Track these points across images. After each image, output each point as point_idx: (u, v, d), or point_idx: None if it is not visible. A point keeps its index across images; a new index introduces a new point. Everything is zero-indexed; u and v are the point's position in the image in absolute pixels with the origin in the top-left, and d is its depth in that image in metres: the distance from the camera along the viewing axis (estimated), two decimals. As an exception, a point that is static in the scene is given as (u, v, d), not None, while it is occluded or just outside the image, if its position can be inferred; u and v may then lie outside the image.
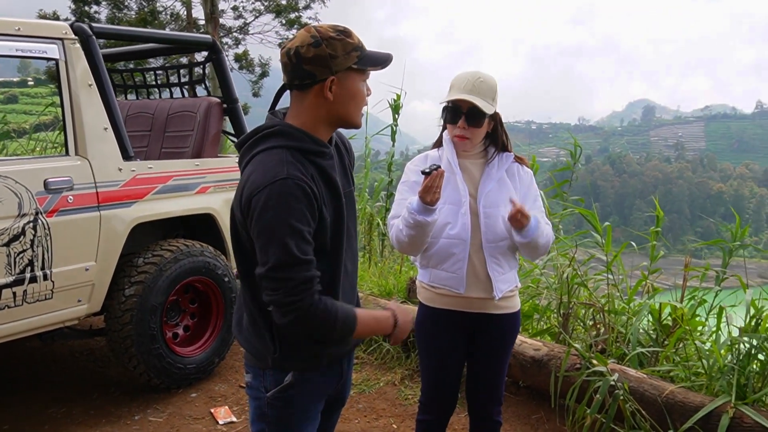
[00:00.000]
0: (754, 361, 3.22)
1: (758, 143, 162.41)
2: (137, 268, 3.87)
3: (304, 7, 19.73)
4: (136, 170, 3.88)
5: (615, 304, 4.00)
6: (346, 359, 2.07)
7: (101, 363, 4.54)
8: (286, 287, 1.67)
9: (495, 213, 2.51)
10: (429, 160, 2.61)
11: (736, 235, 3.97)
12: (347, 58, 1.76)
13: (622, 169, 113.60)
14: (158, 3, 17.93)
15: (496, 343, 2.65)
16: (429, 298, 2.64)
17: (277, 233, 1.66)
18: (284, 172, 1.68)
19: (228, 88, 4.64)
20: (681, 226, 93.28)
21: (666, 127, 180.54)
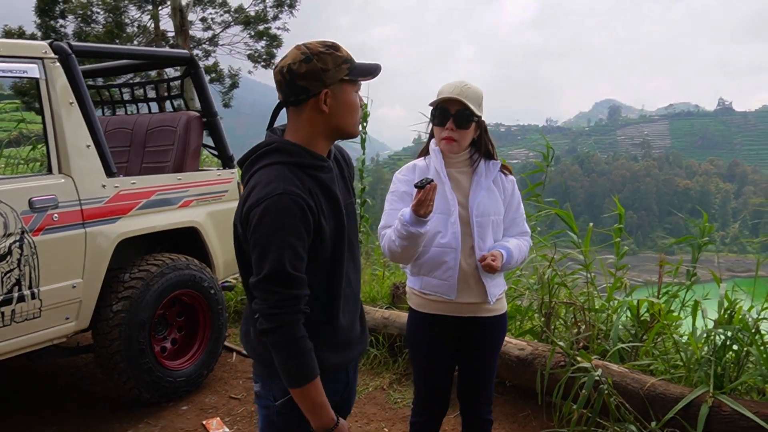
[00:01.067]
0: (729, 351, 3.34)
1: (721, 139, 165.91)
2: (124, 283, 3.88)
3: (273, 18, 19.76)
4: (119, 186, 3.89)
5: (594, 302, 4.10)
6: (352, 367, 2.10)
7: (88, 380, 4.53)
8: (273, 299, 1.74)
9: (486, 222, 2.60)
10: (417, 169, 2.67)
11: (703, 231, 4.10)
12: (338, 71, 1.82)
13: (590, 169, 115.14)
14: (125, 16, 17.80)
15: (486, 345, 2.73)
16: (420, 304, 2.69)
17: (271, 247, 1.72)
18: (280, 187, 1.74)
19: (207, 101, 4.68)
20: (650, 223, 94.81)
21: (632, 126, 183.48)
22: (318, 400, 1.81)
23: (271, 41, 19.97)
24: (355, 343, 2.06)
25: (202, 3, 19.18)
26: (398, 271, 5.93)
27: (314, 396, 1.80)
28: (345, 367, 2.03)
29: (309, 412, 1.82)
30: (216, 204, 4.59)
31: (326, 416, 1.83)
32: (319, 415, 1.83)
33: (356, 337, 2.07)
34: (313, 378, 1.79)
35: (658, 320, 3.66)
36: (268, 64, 20.05)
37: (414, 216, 2.32)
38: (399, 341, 4.47)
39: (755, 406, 2.99)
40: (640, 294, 4.17)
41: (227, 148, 4.80)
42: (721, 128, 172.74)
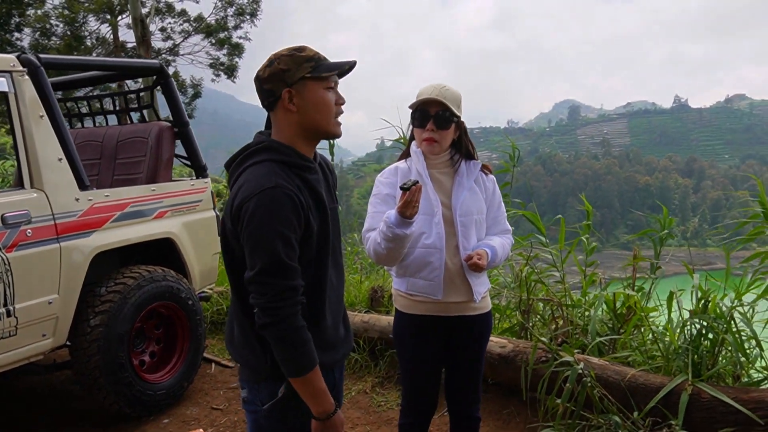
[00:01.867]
0: (705, 340, 3.43)
1: (679, 136, 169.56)
2: (101, 297, 3.83)
3: (234, 27, 19.64)
4: (93, 199, 3.85)
5: (571, 297, 4.17)
6: (338, 368, 2.12)
7: (66, 397, 4.44)
8: (271, 292, 1.76)
9: (470, 221, 2.63)
10: (399, 172, 2.70)
11: (663, 224, 4.21)
12: (300, 69, 1.86)
13: (553, 169, 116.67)
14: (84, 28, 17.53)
15: (472, 343, 2.76)
16: (406, 306, 2.71)
17: (265, 238, 1.75)
18: (272, 181, 1.78)
19: (178, 111, 4.64)
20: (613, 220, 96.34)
21: (592, 125, 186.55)
22: (320, 386, 1.85)
23: (232, 50, 19.85)
24: (339, 345, 2.08)
25: (161, 13, 18.99)
26: (374, 275, 5.95)
27: (316, 383, 1.84)
28: (331, 368, 2.04)
29: (311, 398, 1.85)
30: (190, 214, 4.55)
31: (327, 402, 1.87)
32: (321, 401, 1.86)
33: (340, 339, 2.10)
34: (314, 365, 1.83)
35: (634, 312, 3.74)
36: (230, 74, 19.93)
37: (399, 218, 2.34)
38: (380, 344, 4.49)
39: (733, 392, 3.07)
40: (612, 289, 4.25)
41: (200, 158, 4.78)
42: (677, 125, 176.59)
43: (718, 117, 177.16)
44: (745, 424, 2.96)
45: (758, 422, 2.92)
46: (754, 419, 2.92)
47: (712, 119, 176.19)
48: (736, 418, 2.99)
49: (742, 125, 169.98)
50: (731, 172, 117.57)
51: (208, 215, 4.73)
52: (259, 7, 19.61)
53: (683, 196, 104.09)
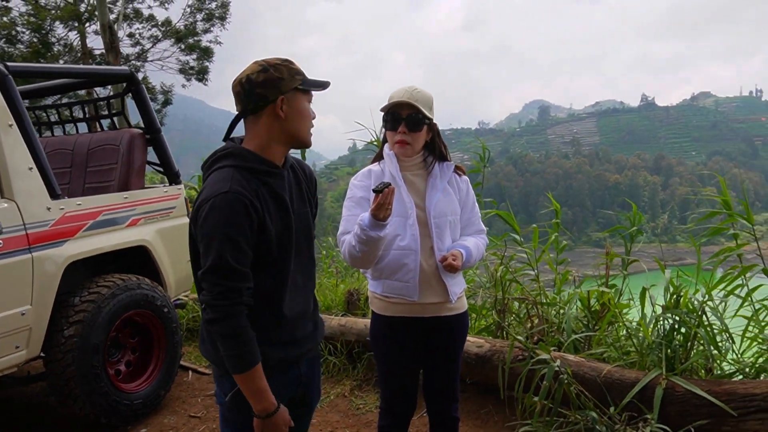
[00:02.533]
0: (678, 334, 3.50)
1: (646, 134, 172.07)
2: (75, 307, 3.78)
3: (204, 31, 19.49)
4: (65, 208, 3.80)
5: (546, 296, 4.22)
6: (305, 363, 2.19)
7: (41, 408, 4.38)
8: (216, 291, 1.87)
9: (444, 222, 2.65)
10: (372, 174, 2.70)
11: (633, 221, 4.28)
12: (293, 80, 1.98)
13: (524, 169, 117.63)
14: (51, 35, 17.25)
15: (450, 343, 2.77)
16: (383, 308, 2.72)
17: (215, 240, 1.86)
18: (226, 187, 1.88)
19: (150, 118, 4.61)
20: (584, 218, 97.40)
21: (561, 124, 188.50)
22: (259, 385, 1.92)
23: (202, 54, 19.70)
24: (302, 340, 2.16)
25: (129, 19, 18.76)
26: (349, 279, 5.96)
27: (256, 381, 1.92)
28: (295, 361, 2.13)
29: (251, 396, 1.93)
30: (164, 221, 4.52)
31: (267, 400, 1.94)
32: (260, 399, 1.93)
33: (305, 335, 2.17)
34: (254, 364, 1.90)
35: (608, 309, 3.80)
36: (201, 78, 19.78)
37: (373, 220, 2.36)
38: (357, 347, 4.50)
39: (706, 385, 3.14)
40: (586, 286, 4.31)
41: (173, 164, 4.75)
42: (645, 123, 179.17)
43: (685, 114, 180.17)
44: (718, 416, 3.04)
45: (731, 413, 2.99)
46: (727, 411, 2.99)
47: (678, 117, 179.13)
48: (710, 410, 3.07)
49: (708, 122, 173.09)
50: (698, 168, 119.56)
51: (182, 222, 4.70)
52: (228, 11, 19.49)
53: (652, 193, 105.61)
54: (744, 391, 3.07)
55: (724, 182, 3.97)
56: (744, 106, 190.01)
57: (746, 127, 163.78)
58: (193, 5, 19.22)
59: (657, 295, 3.67)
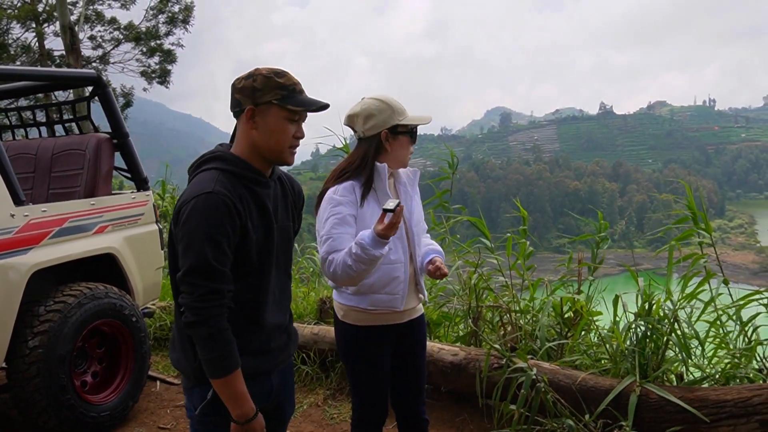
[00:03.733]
0: (650, 341, 3.53)
1: (605, 141, 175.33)
2: (39, 317, 3.67)
3: (166, 34, 19.21)
4: (29, 215, 3.69)
5: (519, 303, 4.24)
6: (277, 374, 2.14)
7: (3, 421, 4.22)
8: (198, 292, 1.82)
9: (420, 229, 2.72)
10: (355, 189, 2.58)
11: (599, 229, 4.33)
12: (269, 94, 1.93)
13: (486, 175, 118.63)
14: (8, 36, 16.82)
15: (417, 345, 2.83)
16: (362, 319, 2.66)
17: (196, 240, 1.82)
18: (210, 187, 1.85)
19: (117, 122, 4.51)
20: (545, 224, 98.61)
21: (522, 131, 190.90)
22: (239, 390, 1.89)
23: (164, 57, 19.42)
24: (276, 351, 2.12)
25: (90, 21, 18.40)
26: (318, 287, 5.90)
27: (236, 385, 1.88)
28: (267, 372, 2.08)
29: (230, 401, 1.89)
30: (132, 228, 4.43)
31: (246, 406, 1.91)
32: (240, 405, 1.89)
33: (278, 346, 2.13)
34: (234, 368, 1.86)
35: (581, 316, 3.83)
36: (163, 81, 19.50)
37: (376, 239, 2.26)
38: (330, 356, 4.45)
39: (679, 392, 3.18)
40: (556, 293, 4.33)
41: (141, 170, 4.65)
42: (604, 131, 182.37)
43: (642, 123, 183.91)
44: (692, 422, 3.08)
45: (704, 420, 3.03)
46: (700, 417, 3.03)
47: (636, 125, 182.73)
48: (683, 417, 3.10)
49: (664, 131, 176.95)
50: (655, 176, 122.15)
51: (151, 229, 4.61)
52: (191, 15, 19.25)
53: (611, 200, 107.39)
54: (716, 397, 3.12)
55: (690, 190, 4.03)
56: (698, 115, 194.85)
57: (700, 135, 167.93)
58: (155, 7, 18.93)
59: (626, 300, 3.73)
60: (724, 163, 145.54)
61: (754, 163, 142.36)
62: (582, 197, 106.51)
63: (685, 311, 3.45)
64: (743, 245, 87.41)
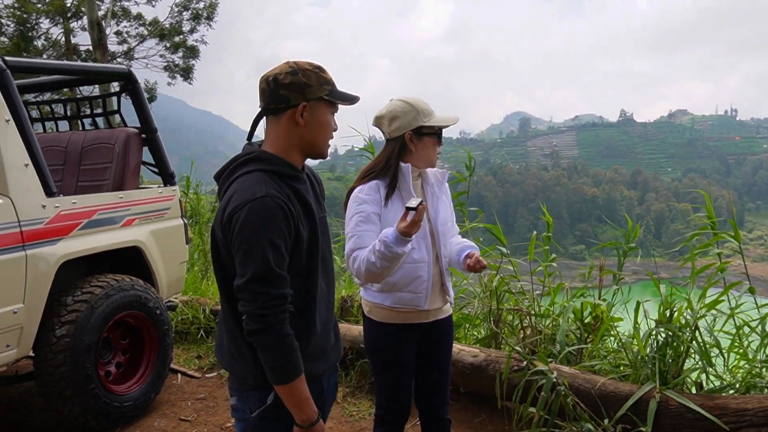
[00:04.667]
0: (671, 348, 3.53)
1: (624, 149, 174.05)
2: (67, 307, 3.73)
3: (190, 31, 19.38)
4: (60, 206, 3.76)
5: (540, 307, 4.25)
6: (326, 377, 2.14)
7: (27, 409, 4.30)
8: (261, 300, 1.80)
9: (446, 230, 2.73)
10: (380, 188, 2.64)
11: (628, 237, 4.33)
12: (320, 89, 1.94)
13: (504, 179, 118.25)
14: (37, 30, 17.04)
15: (443, 345, 2.85)
16: (387, 316, 2.72)
17: (256, 247, 1.79)
18: (263, 190, 1.82)
19: (146, 118, 4.58)
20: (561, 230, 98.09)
21: (541, 137, 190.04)
22: (304, 395, 1.89)
23: (188, 53, 19.60)
24: (329, 352, 2.12)
25: (116, 16, 18.62)
26: (339, 285, 5.94)
27: (301, 391, 1.88)
28: (319, 377, 2.07)
29: (295, 406, 1.89)
30: (158, 222, 4.49)
31: (311, 410, 1.91)
32: (304, 410, 1.89)
33: (330, 346, 2.13)
34: (300, 374, 1.86)
35: (602, 322, 3.83)
36: (187, 76, 19.68)
37: (399, 236, 2.31)
38: (351, 354, 4.48)
39: (699, 399, 3.18)
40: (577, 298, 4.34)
41: (168, 165, 4.71)
42: (623, 138, 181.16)
43: (662, 131, 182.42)
44: (711, 430, 3.07)
45: (723, 428, 3.03)
46: (720, 425, 3.03)
47: (656, 133, 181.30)
48: (703, 424, 3.10)
49: (684, 139, 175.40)
50: (674, 184, 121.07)
51: (176, 223, 4.67)
52: (215, 12, 19.42)
53: (629, 208, 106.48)
54: (736, 405, 3.11)
55: (710, 200, 4.03)
56: (719, 124, 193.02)
57: (721, 145, 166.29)
58: (180, 4, 19.11)
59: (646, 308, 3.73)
60: (744, 174, 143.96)
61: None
62: (600, 204, 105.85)
63: (707, 320, 3.45)
64: (762, 257, 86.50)
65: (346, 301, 4.93)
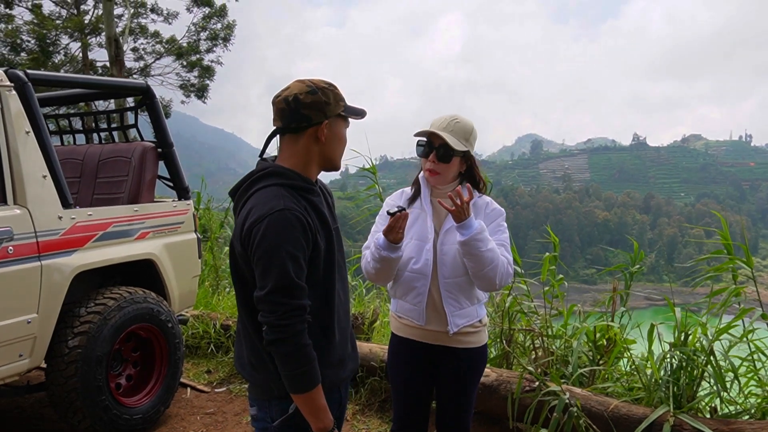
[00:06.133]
0: (685, 372, 3.50)
1: (637, 173, 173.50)
2: (80, 318, 3.75)
3: (207, 51, 19.61)
4: (76, 218, 3.79)
5: (552, 328, 4.22)
6: (344, 386, 2.17)
7: (37, 420, 4.31)
8: (281, 311, 1.83)
9: (452, 250, 2.60)
10: (404, 196, 2.77)
11: (634, 260, 4.30)
12: (337, 106, 2.01)
13: (515, 201, 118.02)
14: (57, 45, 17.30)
15: (458, 377, 2.73)
16: (397, 328, 2.77)
17: (276, 259, 1.83)
18: (281, 204, 1.87)
19: (163, 132, 4.62)
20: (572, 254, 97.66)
21: (553, 159, 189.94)
22: (321, 404, 1.92)
23: (203, 72, 19.81)
24: (347, 360, 2.16)
25: (134, 33, 18.89)
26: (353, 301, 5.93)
27: (318, 400, 1.91)
28: (338, 385, 2.11)
29: (312, 415, 1.92)
30: (172, 236, 4.51)
31: (327, 419, 1.94)
32: (321, 418, 1.92)
33: (348, 355, 2.17)
34: (318, 383, 1.90)
35: (614, 344, 3.80)
36: (201, 95, 19.88)
37: (386, 241, 2.45)
38: (361, 372, 4.46)
39: (714, 424, 3.14)
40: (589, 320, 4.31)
41: (183, 180, 4.75)
42: (636, 162, 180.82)
43: (675, 156, 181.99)
44: (725, 455, 3.03)
45: (738, 454, 2.99)
46: (735, 451, 2.99)
47: (669, 158, 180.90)
48: (718, 450, 3.06)
49: (698, 164, 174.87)
50: (687, 209, 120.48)
51: (190, 237, 4.69)
52: (232, 33, 19.65)
53: (640, 232, 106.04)
54: (752, 431, 3.08)
55: (726, 223, 4.01)
56: (733, 150, 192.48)
57: (735, 171, 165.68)
58: (197, 24, 19.35)
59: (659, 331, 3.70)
60: (759, 200, 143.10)
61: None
62: (611, 228, 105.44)
63: (722, 344, 3.41)
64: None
65: (357, 318, 4.92)
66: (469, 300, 2.66)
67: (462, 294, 2.64)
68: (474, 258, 2.49)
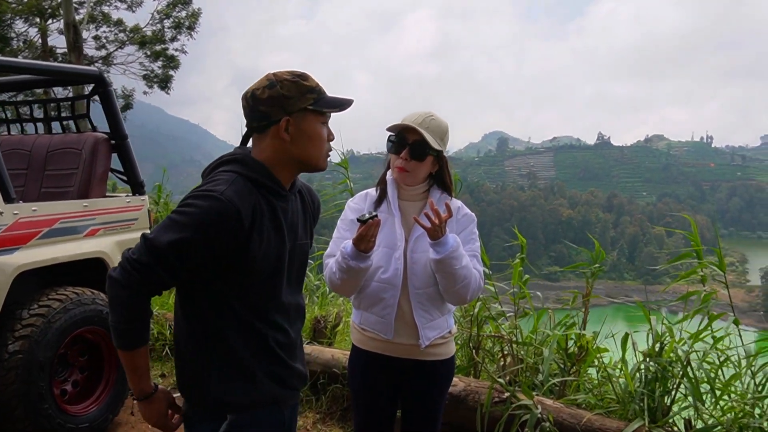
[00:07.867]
0: (660, 384, 3.38)
1: (601, 171, 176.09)
2: (21, 320, 3.50)
3: (171, 39, 19.15)
4: (18, 213, 3.53)
5: (522, 334, 4.08)
6: (289, 409, 1.99)
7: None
8: (138, 263, 1.70)
9: (423, 258, 2.43)
10: (368, 198, 2.56)
11: (595, 258, 4.21)
12: (302, 99, 1.79)
13: (480, 198, 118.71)
14: (11, 30, 16.70)
15: (425, 389, 2.59)
16: (359, 340, 2.58)
17: (176, 229, 1.69)
18: (220, 191, 1.70)
19: (116, 123, 4.36)
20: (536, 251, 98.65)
21: (519, 157, 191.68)
22: (142, 364, 1.82)
23: (167, 62, 19.35)
24: (296, 379, 1.99)
25: (96, 21, 18.34)
26: (314, 305, 5.76)
27: (138, 361, 1.81)
28: (282, 403, 1.93)
29: (132, 373, 1.83)
30: (124, 233, 4.27)
31: (145, 383, 1.84)
32: (139, 380, 1.83)
33: (297, 374, 1.99)
34: (141, 345, 1.79)
35: (587, 352, 3.68)
36: (165, 86, 19.42)
37: (355, 250, 2.26)
38: (322, 378, 4.27)
39: (689, 439, 3.03)
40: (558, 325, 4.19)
41: (138, 174, 4.50)
42: (600, 161, 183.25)
43: (638, 155, 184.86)
44: (702, 471, 2.93)
45: (715, 470, 2.89)
46: (711, 467, 2.89)
47: (632, 157, 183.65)
48: (693, 466, 2.96)
49: (660, 164, 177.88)
50: (648, 208, 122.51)
51: (144, 235, 4.45)
52: (197, 21, 19.22)
53: (603, 230, 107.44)
54: (727, 446, 2.98)
55: (695, 225, 3.92)
56: (695, 151, 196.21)
57: (695, 171, 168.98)
58: (161, 12, 18.89)
59: (621, 332, 3.61)
60: (718, 200, 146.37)
61: (748, 201, 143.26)
62: (575, 226, 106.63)
63: (697, 354, 3.30)
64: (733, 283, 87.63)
65: (320, 321, 4.73)
66: (440, 311, 2.52)
67: (433, 305, 2.48)
68: (447, 275, 2.35)
